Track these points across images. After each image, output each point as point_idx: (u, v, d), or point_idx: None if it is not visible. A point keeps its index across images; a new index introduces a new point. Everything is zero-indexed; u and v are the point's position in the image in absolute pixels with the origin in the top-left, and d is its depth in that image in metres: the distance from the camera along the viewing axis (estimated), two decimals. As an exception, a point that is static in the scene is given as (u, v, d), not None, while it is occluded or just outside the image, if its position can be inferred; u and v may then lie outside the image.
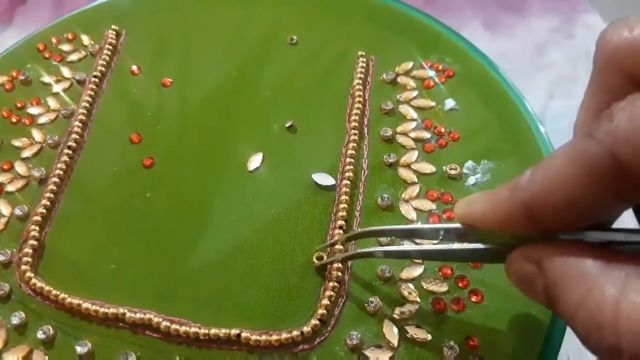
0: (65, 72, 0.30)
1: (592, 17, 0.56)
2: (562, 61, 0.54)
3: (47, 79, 0.30)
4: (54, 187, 0.26)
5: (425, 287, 0.23)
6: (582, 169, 0.14)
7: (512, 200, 0.16)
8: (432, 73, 0.29)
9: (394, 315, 0.22)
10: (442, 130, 0.27)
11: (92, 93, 0.29)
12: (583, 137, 0.14)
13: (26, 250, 0.24)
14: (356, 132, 0.27)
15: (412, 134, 0.27)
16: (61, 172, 0.27)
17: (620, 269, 0.14)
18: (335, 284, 0.23)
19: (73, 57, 0.31)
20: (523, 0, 0.61)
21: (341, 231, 0.24)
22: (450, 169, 0.25)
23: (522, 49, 0.57)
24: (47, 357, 0.22)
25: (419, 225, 0.24)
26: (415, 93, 0.28)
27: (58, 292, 0.23)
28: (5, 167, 0.27)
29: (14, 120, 0.28)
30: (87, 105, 0.29)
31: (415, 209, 0.25)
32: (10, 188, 0.26)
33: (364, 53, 0.30)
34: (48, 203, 0.26)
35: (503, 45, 0.57)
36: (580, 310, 0.14)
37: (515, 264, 0.17)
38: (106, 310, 0.23)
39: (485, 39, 0.58)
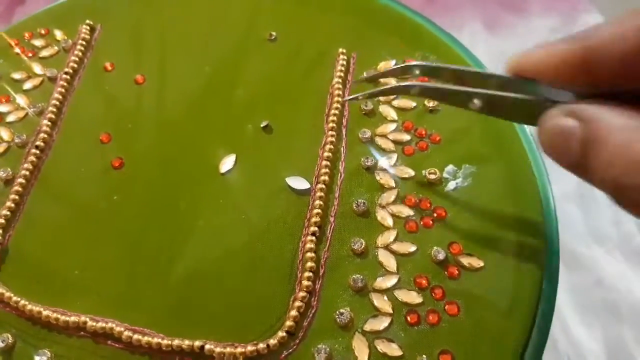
0: (37, 68, 0.29)
1: (592, 17, 0.55)
2: (563, 61, 0.53)
3: (17, 75, 0.29)
4: (20, 189, 0.25)
5: (399, 298, 0.22)
6: None
7: (573, 47, 0.16)
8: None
9: (365, 328, 0.21)
10: (423, 132, 0.26)
11: (63, 90, 0.28)
12: None
13: (-13, 254, 0.24)
14: (334, 133, 0.26)
15: (392, 136, 0.26)
16: (27, 173, 0.26)
17: None
18: (305, 294, 0.22)
19: (45, 52, 0.30)
20: (523, 0, 0.60)
21: (314, 238, 0.23)
22: (430, 174, 0.24)
23: (522, 49, 0.56)
24: (3, 367, 0.21)
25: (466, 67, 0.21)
26: (396, 93, 0.27)
27: (18, 299, 0.23)
28: (-30, 167, 0.26)
29: (-19, 118, 0.28)
30: (57, 103, 0.28)
31: (392, 215, 0.24)
32: (-27, 189, 0.25)
33: (345, 50, 0.29)
34: (12, 205, 0.25)
35: (503, 45, 0.56)
36: (618, 158, 0.14)
37: (554, 119, 0.17)
38: (67, 318, 0.22)
39: (485, 38, 0.57)
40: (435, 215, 0.23)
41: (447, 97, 0.20)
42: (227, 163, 0.26)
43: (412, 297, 0.22)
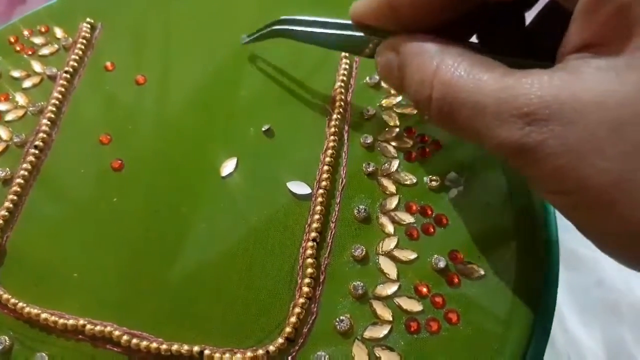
0: (36, 66, 0.29)
1: None
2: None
3: (16, 73, 0.29)
4: (18, 189, 0.25)
5: (399, 306, 0.22)
6: None
7: None
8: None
9: (365, 336, 0.21)
10: (426, 138, 0.26)
11: (63, 90, 0.28)
12: None
13: (-16, 255, 0.23)
14: (335, 138, 0.26)
15: (394, 142, 0.26)
16: (26, 173, 0.26)
17: (453, 48, 0.18)
18: (305, 300, 0.22)
19: (45, 50, 0.30)
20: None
21: (314, 243, 0.23)
22: (432, 181, 0.24)
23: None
24: (1, 370, 0.21)
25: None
26: (399, 98, 0.27)
27: (17, 301, 0.22)
28: (-32, 166, 0.26)
29: (-21, 116, 0.27)
30: (57, 102, 0.28)
31: (394, 222, 0.24)
32: (-29, 189, 0.25)
33: (347, 55, 0.28)
34: (11, 205, 0.25)
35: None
36: (415, 76, 0.19)
37: (382, 54, 0.21)
38: (66, 321, 0.22)
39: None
40: (436, 222, 0.23)
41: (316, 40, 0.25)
42: (228, 166, 0.25)
43: (413, 305, 0.22)
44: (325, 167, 0.25)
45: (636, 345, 0.38)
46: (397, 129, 0.26)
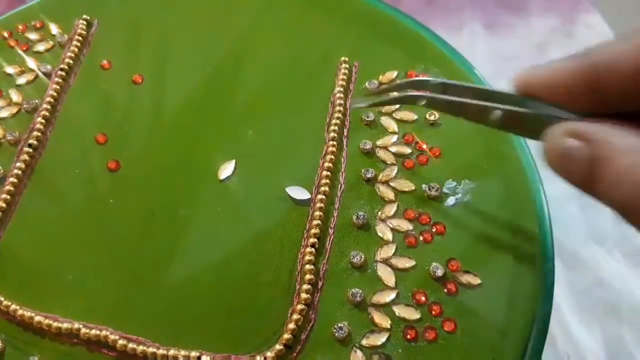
0: (31, 63, 0.29)
1: (593, 17, 0.56)
2: (563, 61, 0.53)
3: (10, 69, 0.28)
4: (11, 188, 0.25)
5: (397, 314, 0.22)
6: None
7: (579, 64, 0.16)
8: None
9: (363, 343, 0.21)
10: (424, 146, 0.26)
11: (58, 87, 0.28)
12: None
13: (-23, 256, 0.23)
14: (334, 143, 0.26)
15: (393, 149, 0.26)
16: (20, 172, 0.25)
17: None
18: (304, 306, 0.22)
19: (40, 47, 0.29)
20: (523, 0, 0.60)
21: (313, 249, 0.23)
22: (430, 189, 0.24)
23: (522, 49, 0.56)
24: (-7, 373, 0.21)
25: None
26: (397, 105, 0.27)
27: (9, 303, 0.22)
28: (-40, 164, 0.25)
29: (-29, 113, 0.27)
30: (52, 100, 0.27)
31: (392, 229, 0.24)
32: (-37, 187, 0.25)
33: (347, 59, 0.28)
34: (4, 205, 0.24)
35: (503, 45, 0.57)
36: (625, 177, 0.14)
37: (558, 138, 0.16)
38: (60, 324, 0.22)
39: (485, 39, 0.57)
40: (434, 230, 0.24)
41: (454, 109, 0.20)
42: (227, 169, 0.25)
43: (411, 313, 0.22)
44: (325, 172, 0.25)
45: (636, 345, 0.39)
46: (396, 135, 0.26)
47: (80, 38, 0.29)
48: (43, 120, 0.27)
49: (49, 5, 0.31)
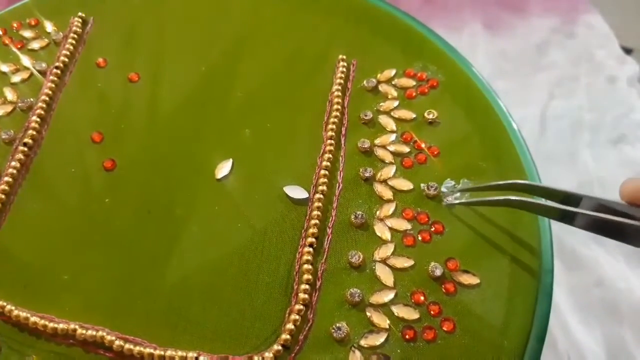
0: (25, 61, 0.28)
1: (593, 17, 0.56)
2: (563, 61, 0.53)
3: (4, 67, 0.28)
4: (6, 187, 0.24)
5: (395, 314, 0.22)
6: None
7: None
8: (414, 83, 0.28)
9: (361, 343, 0.21)
10: (422, 145, 0.26)
11: (53, 86, 0.27)
12: None
13: (-29, 257, 0.23)
14: (332, 142, 0.26)
15: (391, 147, 0.26)
16: (15, 171, 0.25)
17: None
18: (302, 307, 0.21)
19: (35, 44, 0.29)
20: (524, 0, 0.60)
21: (311, 249, 0.23)
22: (428, 188, 0.24)
23: (522, 49, 0.56)
24: (-12, 375, 0.21)
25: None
26: (396, 103, 0.27)
27: (5, 304, 0.22)
28: (-46, 163, 0.25)
29: (-35, 111, 0.26)
30: (47, 98, 0.27)
31: (390, 229, 0.24)
32: (-43, 187, 0.24)
33: (344, 57, 0.28)
34: (-1, 205, 0.24)
35: (503, 45, 0.57)
36: None
37: None
38: (56, 325, 0.21)
39: (485, 39, 0.57)
40: (433, 229, 0.23)
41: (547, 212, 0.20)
42: (224, 168, 0.25)
43: (409, 313, 0.22)
44: (323, 172, 0.25)
45: (636, 345, 0.39)
46: (395, 134, 0.26)
47: (75, 36, 0.29)
48: (38, 119, 0.26)
49: (44, 2, 0.30)
